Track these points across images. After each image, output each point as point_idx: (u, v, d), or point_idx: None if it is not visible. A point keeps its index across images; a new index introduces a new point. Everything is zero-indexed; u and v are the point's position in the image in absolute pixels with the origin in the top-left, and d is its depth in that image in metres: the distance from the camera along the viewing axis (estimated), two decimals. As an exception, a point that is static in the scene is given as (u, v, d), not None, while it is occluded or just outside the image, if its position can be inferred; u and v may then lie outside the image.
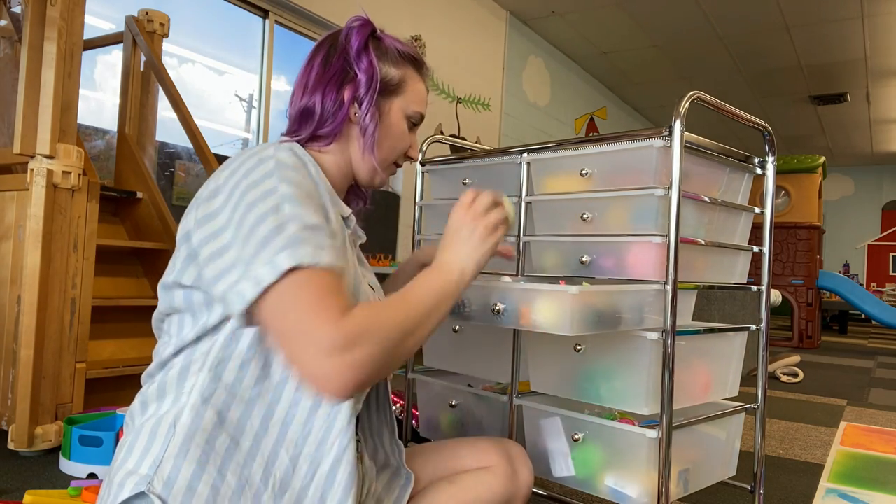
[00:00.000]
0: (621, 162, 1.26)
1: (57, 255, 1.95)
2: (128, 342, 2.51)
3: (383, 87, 0.95)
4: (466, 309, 1.13)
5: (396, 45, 0.98)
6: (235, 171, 0.81)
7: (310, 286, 0.73)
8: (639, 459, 1.17)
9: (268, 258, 0.73)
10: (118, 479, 0.79)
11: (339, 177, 0.98)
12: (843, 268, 11.94)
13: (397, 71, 0.96)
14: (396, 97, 0.97)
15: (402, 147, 1.00)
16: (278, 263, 0.73)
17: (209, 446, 0.79)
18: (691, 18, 6.37)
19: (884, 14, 6.01)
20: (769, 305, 1.44)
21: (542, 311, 1.03)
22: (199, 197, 0.83)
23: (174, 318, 0.85)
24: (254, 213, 0.76)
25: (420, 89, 1.00)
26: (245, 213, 0.76)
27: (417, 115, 1.00)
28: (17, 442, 1.86)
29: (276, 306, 0.73)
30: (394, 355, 0.76)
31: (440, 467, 1.10)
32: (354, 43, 0.94)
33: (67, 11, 1.96)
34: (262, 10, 4.38)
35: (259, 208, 0.76)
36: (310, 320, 0.72)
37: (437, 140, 1.72)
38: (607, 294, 1.08)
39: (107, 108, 3.62)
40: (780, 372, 4.22)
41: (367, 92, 0.93)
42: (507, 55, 6.66)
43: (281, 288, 0.73)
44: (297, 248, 0.74)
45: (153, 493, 0.76)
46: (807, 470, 2.15)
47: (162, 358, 0.84)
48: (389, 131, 0.97)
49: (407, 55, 0.98)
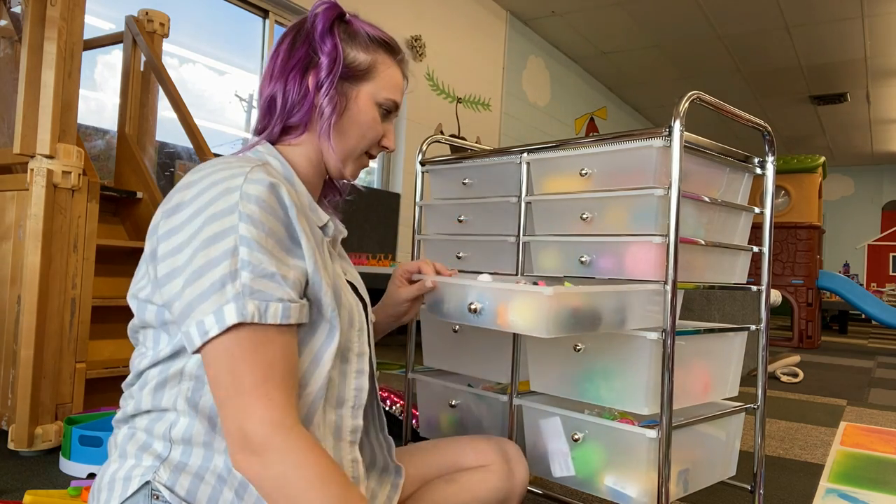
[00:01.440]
0: (621, 162, 1.26)
1: (57, 255, 1.95)
2: (128, 342, 2.51)
3: (350, 72, 0.91)
4: (444, 306, 1.13)
5: (367, 28, 0.94)
6: (201, 193, 0.77)
7: (251, 355, 0.72)
8: (639, 459, 1.17)
9: (215, 306, 0.72)
10: (122, 473, 0.79)
11: (312, 171, 0.93)
12: (843, 268, 11.94)
13: (366, 55, 0.92)
14: (365, 83, 0.92)
15: (373, 136, 0.95)
16: (224, 316, 0.71)
17: (208, 446, 0.79)
18: (691, 18, 6.37)
19: (884, 14, 6.02)
20: (769, 305, 1.44)
21: (518, 312, 1.01)
22: (165, 209, 0.80)
23: (149, 332, 0.83)
24: (210, 250, 0.73)
25: (393, 75, 0.94)
26: (201, 248, 0.74)
27: (390, 102, 0.94)
28: (17, 442, 1.86)
29: (215, 361, 0.72)
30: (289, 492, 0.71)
31: (437, 466, 1.10)
32: (319, 26, 0.90)
33: (67, 11, 1.96)
34: (262, 10, 4.38)
35: (216, 247, 0.73)
36: (242, 399, 0.71)
37: (437, 140, 1.72)
38: (585, 295, 1.05)
39: (107, 108, 3.62)
40: (780, 372, 4.22)
41: (329, 76, 0.89)
42: (507, 55, 6.67)
43: (224, 342, 0.72)
44: (245, 302, 0.72)
45: (160, 483, 0.76)
46: (807, 470, 2.15)
47: (139, 369, 0.83)
48: (357, 118, 0.92)
49: (378, 39, 0.94)
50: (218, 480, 0.77)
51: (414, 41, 5.43)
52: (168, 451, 0.78)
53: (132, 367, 0.85)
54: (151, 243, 0.80)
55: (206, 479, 0.77)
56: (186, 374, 0.79)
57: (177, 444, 0.78)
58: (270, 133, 0.92)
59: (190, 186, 0.79)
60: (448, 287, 1.12)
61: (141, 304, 0.82)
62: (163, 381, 0.80)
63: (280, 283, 0.75)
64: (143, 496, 0.77)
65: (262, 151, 0.91)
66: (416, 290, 1.14)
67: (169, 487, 0.76)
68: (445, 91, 5.85)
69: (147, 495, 0.77)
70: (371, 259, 4.45)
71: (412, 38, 5.43)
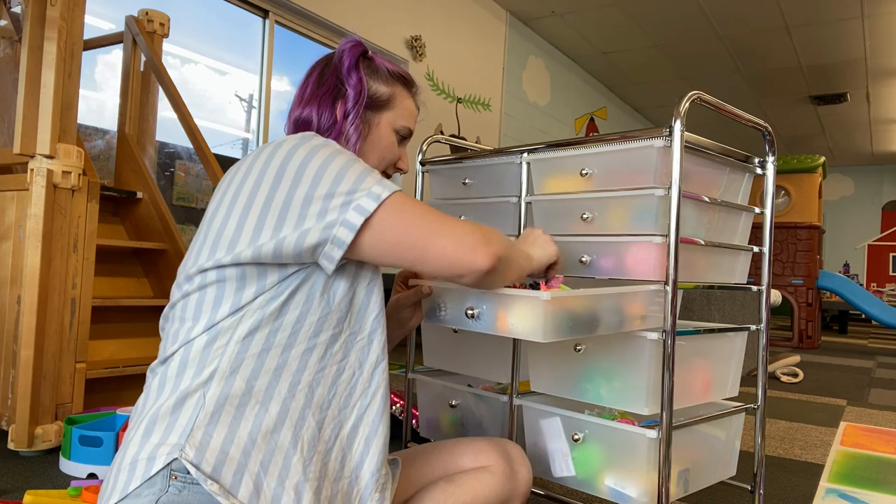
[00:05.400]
0: (621, 162, 1.26)
1: (57, 255, 1.95)
2: (128, 342, 2.51)
3: (372, 102, 1.03)
4: (442, 312, 1.13)
5: (386, 64, 1.07)
6: (277, 149, 0.86)
7: (414, 204, 0.86)
8: (639, 459, 1.17)
9: (372, 184, 0.84)
10: (146, 454, 0.79)
11: None
12: (843, 268, 11.93)
13: (386, 88, 1.05)
14: (385, 111, 1.05)
15: (391, 158, 1.07)
16: (385, 188, 0.84)
17: (239, 412, 0.81)
18: (691, 18, 6.37)
19: (884, 14, 6.02)
20: (769, 305, 1.44)
21: (516, 317, 1.01)
22: (232, 181, 0.87)
23: (192, 300, 0.85)
24: (333, 165, 0.84)
25: (409, 106, 1.08)
26: (324, 164, 0.83)
27: (405, 129, 1.07)
28: (17, 442, 1.86)
29: (398, 217, 0.84)
30: (505, 262, 0.92)
31: (439, 467, 1.10)
32: (346, 61, 1.03)
33: (67, 11, 1.96)
34: (262, 10, 4.38)
35: (336, 161, 0.84)
36: (443, 224, 0.86)
37: (437, 140, 1.72)
38: (582, 299, 1.04)
39: (107, 108, 3.62)
40: (780, 372, 4.22)
41: (355, 105, 1.01)
42: (507, 55, 6.67)
43: (383, 213, 0.83)
44: (383, 183, 0.85)
45: (186, 460, 0.77)
46: (807, 470, 2.15)
47: (180, 339, 0.85)
48: (378, 143, 1.04)
49: (396, 74, 1.07)
50: (243, 454, 0.80)
51: (414, 41, 5.43)
52: (192, 425, 0.79)
53: (168, 345, 0.86)
54: (226, 195, 0.86)
55: (232, 455, 0.79)
56: (234, 338, 0.83)
57: (205, 414, 0.80)
58: None
59: (254, 158, 0.88)
60: (445, 292, 1.12)
61: (201, 274, 0.85)
62: (210, 342, 0.83)
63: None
64: (163, 476, 0.77)
65: None
66: (413, 296, 1.15)
67: (196, 465, 0.77)
68: (445, 91, 5.85)
69: (166, 475, 0.77)
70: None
71: (412, 38, 5.42)
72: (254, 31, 4.43)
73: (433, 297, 1.14)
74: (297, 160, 0.84)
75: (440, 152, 4.49)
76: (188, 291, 0.86)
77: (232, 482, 0.78)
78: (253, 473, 0.80)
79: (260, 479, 0.80)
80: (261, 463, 0.80)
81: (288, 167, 0.84)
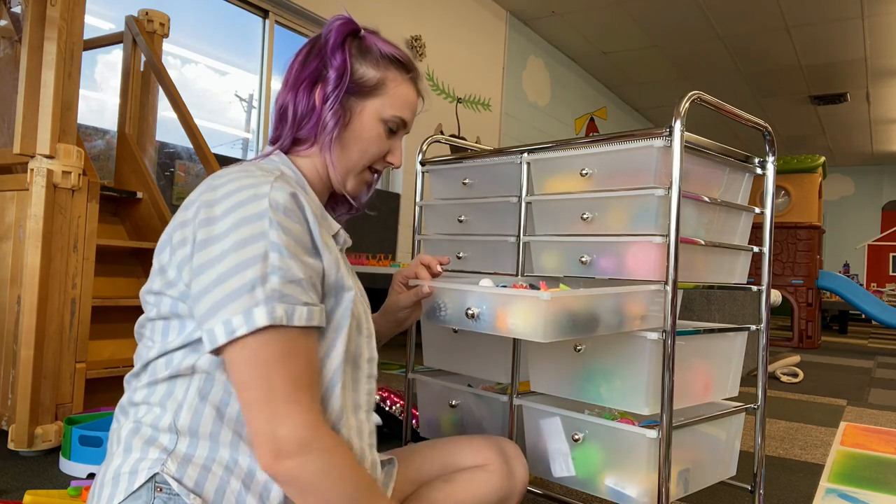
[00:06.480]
0: (621, 162, 1.26)
1: (57, 255, 1.95)
2: (128, 342, 2.51)
3: (356, 87, 0.91)
4: (442, 312, 1.13)
5: (380, 44, 0.94)
6: (230, 195, 0.78)
7: (281, 359, 0.74)
8: (639, 459, 1.17)
9: (245, 307, 0.73)
10: (128, 467, 0.79)
11: (320, 183, 0.95)
12: (843, 268, 11.93)
13: (376, 72, 0.92)
14: (371, 98, 0.92)
15: (376, 152, 0.95)
16: (254, 317, 0.73)
17: (214, 437, 0.80)
18: (691, 18, 6.37)
19: (884, 14, 6.02)
20: (769, 305, 1.44)
21: (516, 317, 1.00)
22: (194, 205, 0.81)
23: (158, 324, 0.84)
24: (242, 252, 0.75)
25: (403, 92, 0.95)
26: (232, 249, 0.75)
27: (396, 119, 0.94)
28: (17, 442, 1.86)
29: (243, 364, 0.74)
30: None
31: (436, 465, 1.10)
32: (331, 40, 0.92)
33: (67, 11, 1.95)
34: (262, 10, 4.38)
35: (247, 250, 0.75)
36: (275, 405, 0.73)
37: (437, 140, 1.72)
38: (582, 299, 1.03)
39: (107, 108, 3.62)
40: (780, 372, 4.22)
41: (335, 90, 0.90)
42: (507, 55, 6.67)
43: (251, 344, 0.74)
44: (274, 305, 0.74)
45: (168, 474, 0.77)
46: (807, 470, 2.15)
47: (146, 359, 0.84)
48: (360, 134, 0.93)
49: (390, 56, 0.94)
50: (225, 471, 0.79)
51: (414, 41, 5.43)
52: (174, 443, 0.79)
53: (137, 360, 0.86)
54: (183, 233, 0.80)
55: (213, 470, 0.78)
56: (199, 370, 0.80)
57: (183, 436, 0.79)
58: (283, 143, 0.94)
59: (216, 189, 0.80)
60: (445, 293, 1.11)
61: (156, 297, 0.83)
62: (174, 376, 0.81)
63: (305, 288, 0.78)
64: (147, 490, 0.77)
65: (276, 161, 0.93)
66: (413, 297, 1.14)
67: (177, 479, 0.77)
68: (445, 91, 5.85)
69: (151, 489, 0.77)
70: (371, 259, 4.45)
71: (412, 38, 5.42)
72: (254, 30, 4.43)
73: (433, 297, 1.13)
74: (219, 230, 0.77)
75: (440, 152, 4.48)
76: (151, 311, 0.85)
77: (214, 498, 0.77)
78: (235, 490, 0.78)
79: (242, 496, 0.79)
80: (242, 480, 0.79)
81: (212, 235, 0.77)
